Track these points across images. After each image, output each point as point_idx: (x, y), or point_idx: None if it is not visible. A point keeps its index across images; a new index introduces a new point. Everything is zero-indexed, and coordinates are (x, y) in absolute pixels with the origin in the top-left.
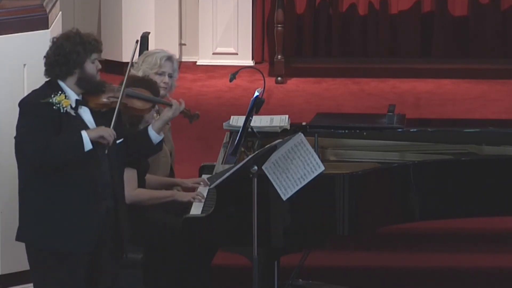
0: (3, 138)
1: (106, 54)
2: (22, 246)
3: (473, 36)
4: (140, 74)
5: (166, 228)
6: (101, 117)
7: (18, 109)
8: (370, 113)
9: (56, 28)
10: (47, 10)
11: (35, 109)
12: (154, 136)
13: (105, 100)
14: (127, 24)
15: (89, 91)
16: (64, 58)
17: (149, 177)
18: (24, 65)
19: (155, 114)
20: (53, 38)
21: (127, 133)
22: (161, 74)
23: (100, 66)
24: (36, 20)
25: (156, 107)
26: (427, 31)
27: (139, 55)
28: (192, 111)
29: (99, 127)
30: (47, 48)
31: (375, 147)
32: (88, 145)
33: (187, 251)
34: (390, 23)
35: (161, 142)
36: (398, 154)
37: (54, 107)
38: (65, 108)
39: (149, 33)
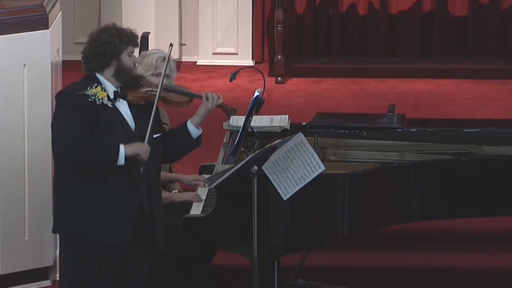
0: (3, 138)
1: None
2: (22, 246)
3: (473, 36)
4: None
5: (166, 228)
6: (138, 110)
7: (18, 108)
8: (370, 113)
9: (56, 28)
10: (47, 10)
11: (71, 101)
12: (194, 130)
13: (143, 93)
14: (127, 24)
15: (126, 84)
16: (100, 49)
17: None
18: (24, 65)
19: None
20: (90, 33)
21: (166, 131)
22: (158, 75)
23: (137, 60)
24: (36, 20)
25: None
26: (427, 31)
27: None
28: (229, 106)
29: (136, 143)
30: (47, 48)
31: (375, 147)
32: (121, 160)
33: (187, 251)
34: (390, 23)
35: (200, 136)
36: (398, 154)
37: (90, 99)
38: (101, 100)
39: (149, 33)
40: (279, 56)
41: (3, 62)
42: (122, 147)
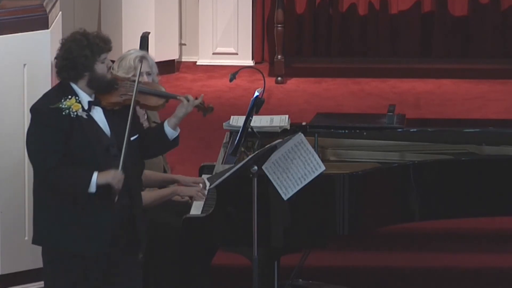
0: (3, 138)
1: None
2: (22, 246)
3: (473, 36)
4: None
5: (166, 228)
6: (113, 115)
7: (18, 108)
8: (370, 113)
9: (56, 28)
10: (47, 10)
11: (45, 118)
12: (170, 132)
13: (117, 98)
14: (127, 24)
15: (101, 90)
16: (72, 62)
17: (149, 173)
18: (24, 65)
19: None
20: (62, 39)
21: (142, 129)
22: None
23: (110, 63)
24: (36, 20)
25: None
26: (427, 31)
27: None
28: (206, 104)
29: (109, 171)
30: (47, 48)
31: (375, 147)
32: (92, 188)
33: (187, 251)
34: (390, 23)
35: (177, 137)
36: (398, 154)
37: (64, 112)
38: (75, 112)
39: (149, 33)
40: (279, 56)
41: (3, 62)
42: (94, 177)
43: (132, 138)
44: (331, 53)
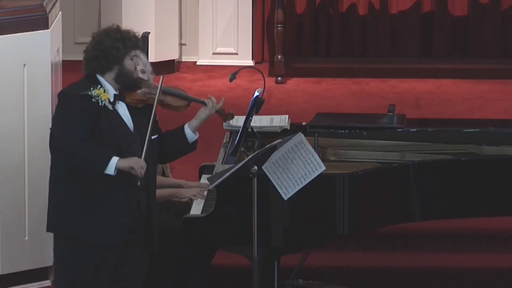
0: (3, 138)
1: None
2: (22, 246)
3: (473, 36)
4: None
5: (166, 228)
6: (137, 113)
7: (18, 108)
8: (370, 113)
9: (56, 28)
10: (47, 10)
11: (74, 100)
12: (190, 135)
13: (141, 96)
14: (127, 24)
15: (126, 87)
16: (103, 53)
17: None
18: (24, 65)
19: None
20: (93, 33)
21: (162, 132)
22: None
23: (139, 63)
24: (36, 20)
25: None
26: (427, 31)
27: None
28: (226, 110)
29: (133, 158)
30: (47, 48)
31: (375, 147)
32: (110, 170)
33: (187, 251)
34: (390, 23)
35: (196, 141)
36: (398, 154)
37: (93, 99)
38: (103, 102)
39: (149, 33)
40: (279, 56)
41: (3, 62)
42: (114, 159)
43: (152, 137)
44: (331, 53)
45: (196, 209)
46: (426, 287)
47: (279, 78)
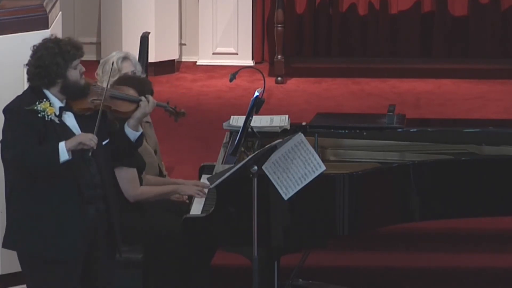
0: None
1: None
2: None
3: (473, 36)
4: (104, 85)
5: (166, 228)
6: (86, 120)
7: None
8: (370, 113)
9: (56, 28)
10: (47, 10)
11: (20, 116)
12: (131, 133)
13: (88, 104)
14: (127, 24)
15: (73, 96)
16: (44, 70)
17: (151, 178)
18: (24, 65)
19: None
20: (33, 46)
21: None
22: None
23: (83, 69)
24: (36, 20)
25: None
26: (427, 31)
27: (139, 56)
28: (178, 109)
29: (78, 135)
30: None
31: (375, 147)
32: (64, 156)
33: (187, 251)
34: (390, 23)
35: (141, 137)
36: (398, 154)
37: (39, 115)
38: (49, 116)
39: (149, 33)
40: (279, 56)
41: (3, 62)
42: (61, 144)
43: (103, 143)
44: (331, 53)
45: (196, 209)
46: (426, 287)
47: (279, 78)
